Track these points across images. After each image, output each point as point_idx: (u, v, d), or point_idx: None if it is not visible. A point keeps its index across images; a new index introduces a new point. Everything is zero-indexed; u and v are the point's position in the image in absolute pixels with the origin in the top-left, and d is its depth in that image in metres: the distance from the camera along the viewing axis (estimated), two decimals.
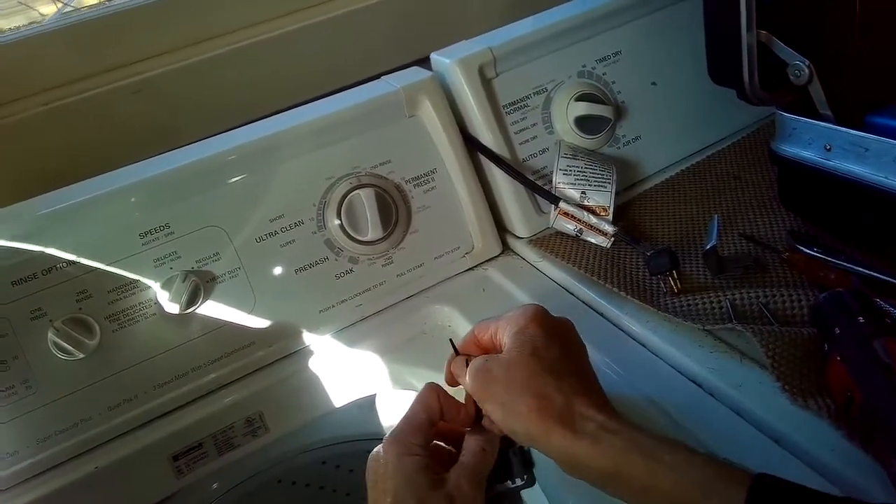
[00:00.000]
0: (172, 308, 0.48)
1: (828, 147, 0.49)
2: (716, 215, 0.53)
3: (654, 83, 0.67)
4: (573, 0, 0.78)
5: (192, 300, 0.48)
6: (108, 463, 0.46)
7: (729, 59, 0.55)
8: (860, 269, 0.45)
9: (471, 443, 0.37)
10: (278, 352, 0.53)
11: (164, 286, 0.48)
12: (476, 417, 0.38)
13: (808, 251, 0.48)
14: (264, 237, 0.53)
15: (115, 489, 0.47)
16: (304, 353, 0.54)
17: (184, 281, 0.48)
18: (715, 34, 0.57)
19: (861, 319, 0.39)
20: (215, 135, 0.57)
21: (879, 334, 0.37)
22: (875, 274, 0.44)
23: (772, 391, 0.40)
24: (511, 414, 0.33)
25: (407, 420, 0.37)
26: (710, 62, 0.59)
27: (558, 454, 0.32)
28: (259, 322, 0.52)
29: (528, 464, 0.40)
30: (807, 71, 0.51)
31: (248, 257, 0.52)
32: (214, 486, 0.52)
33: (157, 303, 0.49)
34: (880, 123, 0.47)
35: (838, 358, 0.37)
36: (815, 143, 0.50)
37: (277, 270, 0.53)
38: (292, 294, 0.53)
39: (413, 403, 0.38)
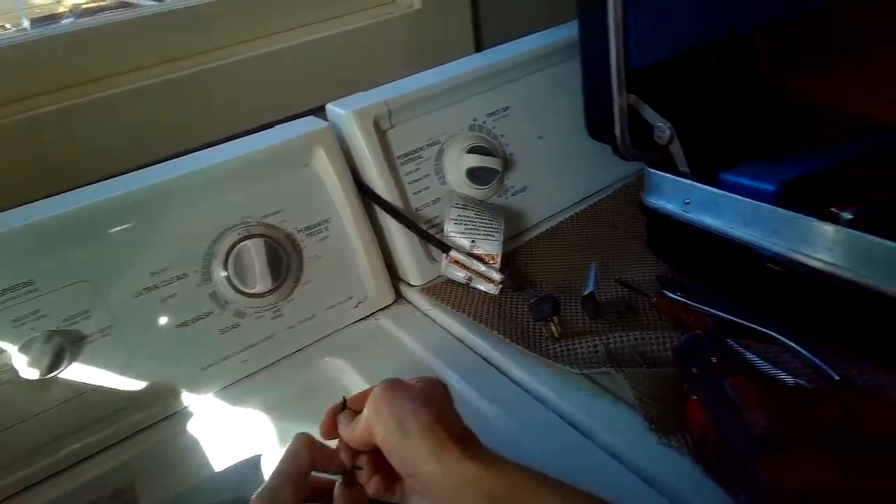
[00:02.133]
0: (31, 373, 0.44)
1: (687, 201, 0.54)
2: (592, 264, 0.56)
3: (540, 137, 0.71)
4: (465, 57, 0.83)
5: (56, 364, 0.45)
6: None
7: (603, 119, 0.60)
8: (715, 311, 0.49)
9: (339, 499, 0.36)
10: (154, 415, 0.50)
11: (23, 349, 0.44)
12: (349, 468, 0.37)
13: (672, 295, 0.52)
14: (143, 291, 0.50)
15: None
16: (182, 414, 0.51)
17: (46, 342, 0.44)
18: (591, 95, 0.62)
19: (713, 360, 0.42)
20: (100, 180, 0.54)
21: (729, 373, 0.40)
22: (727, 316, 0.49)
23: (641, 431, 0.42)
24: (403, 429, 0.33)
25: (275, 475, 0.36)
26: (588, 120, 0.64)
27: (443, 474, 0.31)
28: (133, 384, 0.49)
29: None
30: (668, 132, 0.56)
31: (122, 314, 0.49)
32: None
33: (12, 367, 0.45)
34: (729, 180, 0.52)
35: (695, 397, 0.40)
36: (675, 196, 0.55)
37: (156, 327, 0.50)
38: (172, 351, 0.51)
39: (283, 455, 0.37)
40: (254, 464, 0.52)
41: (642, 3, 0.55)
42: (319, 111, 0.67)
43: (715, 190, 0.51)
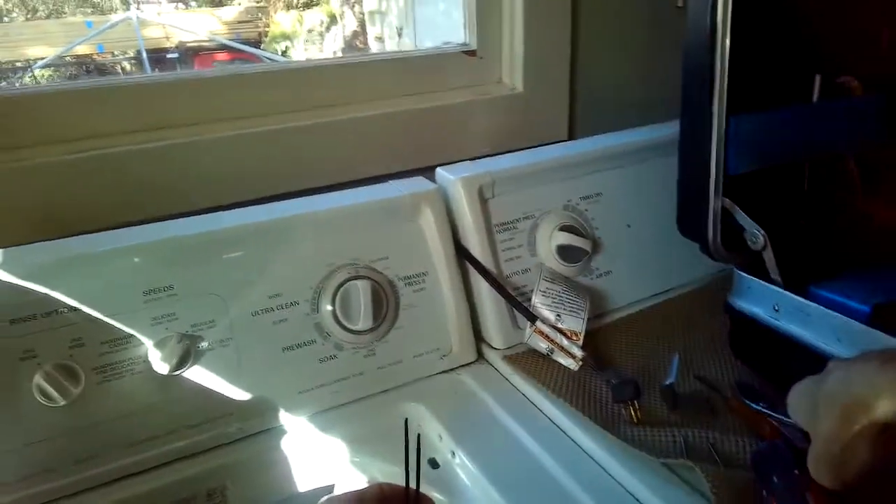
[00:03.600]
0: (162, 367, 0.49)
1: (776, 308, 0.56)
2: (676, 354, 0.58)
3: (628, 225, 0.75)
4: (566, 142, 0.89)
5: (182, 363, 0.50)
6: None
7: (696, 218, 0.63)
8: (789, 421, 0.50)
9: None
10: (254, 426, 0.54)
11: (158, 345, 0.50)
12: None
13: (751, 404, 0.53)
14: (260, 312, 0.55)
15: None
16: (278, 431, 0.55)
17: (179, 342, 0.50)
18: (686, 195, 0.66)
19: (796, 472, 0.43)
20: (227, 206, 0.61)
21: (810, 488, 0.42)
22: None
23: None
24: None
25: (348, 492, 0.39)
26: (680, 217, 0.67)
27: None
28: (241, 394, 0.53)
29: None
30: (762, 239, 0.59)
31: (240, 329, 0.54)
32: None
33: (146, 360, 0.50)
34: (821, 294, 0.54)
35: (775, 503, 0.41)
36: (765, 302, 0.57)
37: (266, 346, 0.55)
38: (276, 371, 0.55)
39: (351, 492, 0.40)
40: (327, 492, 0.55)
41: (745, 116, 0.59)
42: (425, 171, 0.73)
43: (807, 301, 0.53)
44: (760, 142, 0.61)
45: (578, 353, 0.61)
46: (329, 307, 0.58)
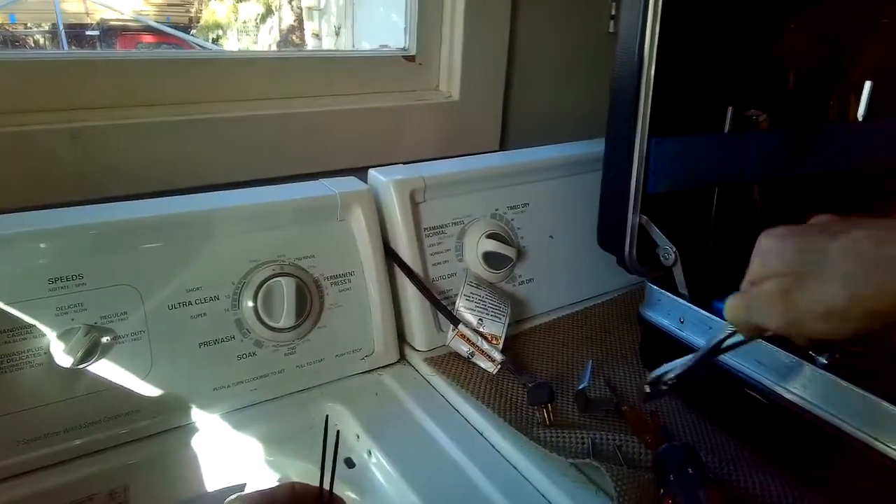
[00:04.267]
0: (65, 360, 0.46)
1: (682, 319, 0.60)
2: (591, 361, 0.61)
3: (551, 236, 0.78)
4: (498, 152, 0.91)
5: (88, 356, 0.47)
6: None
7: (614, 232, 0.66)
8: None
9: None
10: (163, 424, 0.52)
11: (62, 337, 0.47)
12: None
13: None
14: (177, 305, 0.53)
15: None
16: (188, 429, 0.53)
17: (86, 335, 0.47)
18: (606, 210, 0.69)
19: (690, 470, 0.46)
20: (146, 195, 0.59)
21: (703, 485, 0.45)
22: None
23: None
24: None
25: (257, 491, 0.38)
26: (600, 230, 0.70)
27: None
28: (150, 390, 0.51)
29: None
30: (673, 256, 0.63)
31: (155, 322, 0.52)
32: None
33: (47, 352, 0.47)
34: (722, 308, 0.58)
35: (669, 501, 0.44)
36: (672, 314, 0.61)
37: (182, 341, 0.53)
38: (191, 367, 0.53)
39: (262, 491, 0.39)
40: (238, 491, 0.54)
41: (665, 139, 0.63)
42: (356, 171, 0.73)
43: (710, 315, 0.57)
44: (677, 164, 0.66)
45: (498, 356, 0.63)
46: (251, 303, 0.57)
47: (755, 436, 0.54)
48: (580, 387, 0.58)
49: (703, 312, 0.58)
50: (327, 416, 0.43)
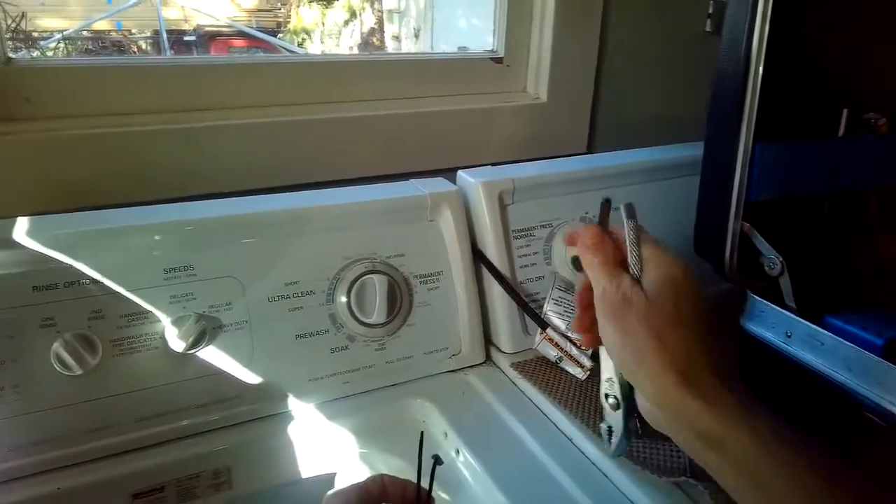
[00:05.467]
0: (178, 345, 0.49)
1: (788, 334, 0.57)
2: None
3: None
4: (587, 155, 0.89)
5: (198, 342, 0.50)
6: (71, 486, 0.46)
7: (713, 239, 0.63)
8: None
9: None
10: (262, 410, 0.54)
11: (175, 323, 0.50)
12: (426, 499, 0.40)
13: None
14: (276, 298, 0.56)
15: None
16: (285, 416, 0.55)
17: (196, 322, 0.50)
18: (705, 215, 0.66)
19: None
20: (244, 192, 0.62)
21: None
22: None
23: None
24: (629, 347, 0.33)
25: (353, 485, 0.39)
26: (697, 237, 0.67)
27: (662, 399, 0.32)
28: (251, 377, 0.54)
29: None
30: (779, 265, 0.59)
31: (256, 313, 0.55)
32: None
33: (162, 337, 0.50)
34: (835, 324, 0.55)
35: None
36: (777, 327, 0.58)
37: (280, 332, 0.56)
38: (288, 358, 0.56)
39: (353, 485, 0.40)
40: (329, 480, 0.55)
41: (771, 144, 0.59)
42: (445, 172, 0.73)
43: (821, 329, 0.53)
44: (784, 171, 0.62)
45: (587, 362, 0.61)
46: (344, 299, 0.58)
47: (868, 457, 0.50)
48: None
49: (813, 327, 0.54)
50: (422, 432, 0.43)
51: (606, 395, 0.42)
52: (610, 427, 0.45)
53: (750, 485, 0.29)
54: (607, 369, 0.42)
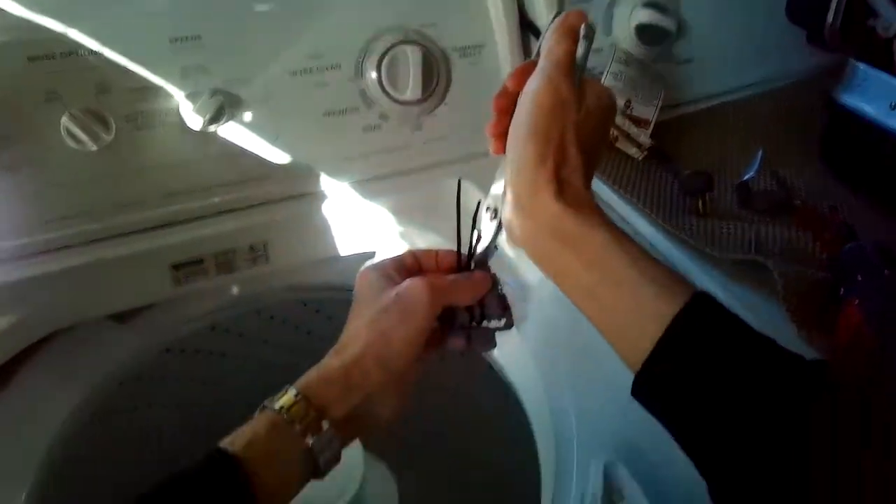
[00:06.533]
0: (195, 122, 0.46)
1: (893, 105, 0.48)
2: (761, 149, 0.52)
3: (722, 8, 0.64)
4: None
5: (216, 119, 0.46)
6: (112, 257, 0.47)
7: (813, 1, 0.53)
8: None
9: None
10: (294, 189, 0.52)
11: (190, 97, 0.46)
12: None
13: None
14: (299, 73, 0.50)
15: (115, 281, 0.48)
16: (319, 195, 0.53)
17: (212, 97, 0.45)
18: None
19: (887, 272, 0.39)
20: None
21: None
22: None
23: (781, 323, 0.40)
24: (535, 148, 0.32)
25: (388, 258, 0.39)
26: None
27: (533, 203, 0.32)
28: (279, 156, 0.51)
29: (506, 307, 0.40)
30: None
31: (278, 88, 0.50)
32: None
33: (178, 113, 0.46)
34: None
35: (857, 301, 0.38)
36: (881, 98, 0.49)
37: (306, 109, 0.51)
38: (317, 136, 0.52)
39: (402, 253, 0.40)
40: (367, 258, 0.54)
41: None
42: None
43: None
44: None
45: (646, 141, 0.55)
46: (374, 74, 0.52)
47: None
48: (745, 177, 0.49)
49: None
50: (459, 179, 0.40)
51: (487, 208, 0.39)
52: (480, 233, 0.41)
53: (602, 279, 0.30)
54: (500, 186, 0.38)
